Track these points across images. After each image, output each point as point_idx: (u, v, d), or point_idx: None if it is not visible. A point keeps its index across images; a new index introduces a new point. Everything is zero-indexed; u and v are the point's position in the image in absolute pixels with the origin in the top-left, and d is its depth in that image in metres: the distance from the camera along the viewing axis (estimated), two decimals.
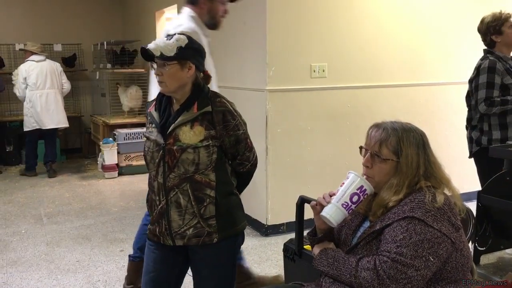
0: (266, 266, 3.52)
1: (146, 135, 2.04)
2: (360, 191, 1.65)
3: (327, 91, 4.14)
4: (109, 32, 7.65)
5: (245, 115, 4.59)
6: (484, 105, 3.23)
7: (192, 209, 1.94)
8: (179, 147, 1.90)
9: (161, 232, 1.99)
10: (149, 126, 2.03)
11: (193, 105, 1.92)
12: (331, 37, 4.10)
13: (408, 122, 1.74)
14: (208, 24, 2.85)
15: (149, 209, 2.10)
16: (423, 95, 4.58)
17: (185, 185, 1.92)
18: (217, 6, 2.82)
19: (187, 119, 1.92)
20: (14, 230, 4.35)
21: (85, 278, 3.35)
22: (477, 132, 3.37)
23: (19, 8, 7.43)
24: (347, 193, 1.65)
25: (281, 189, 4.05)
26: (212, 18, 2.84)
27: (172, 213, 1.95)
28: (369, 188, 1.66)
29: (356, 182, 1.65)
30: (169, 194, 1.94)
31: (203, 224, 1.95)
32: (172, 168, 1.92)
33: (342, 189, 1.67)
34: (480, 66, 3.30)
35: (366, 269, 1.54)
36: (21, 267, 3.56)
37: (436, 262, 1.54)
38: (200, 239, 1.96)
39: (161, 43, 1.87)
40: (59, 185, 5.89)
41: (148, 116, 2.05)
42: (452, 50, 4.65)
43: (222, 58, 4.64)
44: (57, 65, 6.43)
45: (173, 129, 1.91)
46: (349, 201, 1.64)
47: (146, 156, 2.02)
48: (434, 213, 1.56)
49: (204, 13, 2.81)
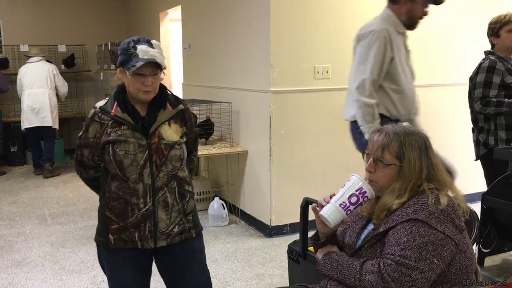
0: (270, 267, 3.52)
1: (120, 139, 1.90)
2: (359, 193, 1.64)
3: (331, 92, 4.14)
4: (113, 33, 7.68)
5: (249, 116, 4.64)
6: (479, 104, 3.25)
7: (177, 206, 1.98)
8: (166, 145, 1.93)
9: (142, 236, 1.94)
10: (116, 129, 1.91)
11: (166, 104, 1.97)
12: (335, 38, 4.10)
13: (410, 125, 1.74)
14: (405, 24, 2.90)
15: (116, 216, 1.94)
16: (426, 96, 4.55)
17: (173, 183, 1.96)
18: (418, 7, 2.85)
19: (166, 117, 1.96)
20: (19, 230, 4.36)
21: (89, 279, 3.36)
22: (484, 134, 3.36)
23: (24, 10, 7.46)
24: (346, 193, 1.65)
25: (285, 190, 4.06)
26: (410, 18, 2.88)
27: (159, 213, 1.94)
28: (369, 191, 1.65)
29: (356, 184, 1.65)
30: (157, 195, 1.93)
31: (184, 220, 2.01)
32: (160, 167, 1.92)
33: (342, 190, 1.67)
34: (480, 65, 3.32)
35: (371, 272, 1.55)
36: (26, 267, 3.57)
37: (441, 264, 1.54)
38: (183, 236, 2.01)
39: (158, 53, 1.88)
40: (63, 185, 5.91)
41: (110, 120, 1.92)
42: (456, 51, 4.64)
43: (226, 59, 4.65)
44: (53, 67, 6.45)
45: (155, 128, 1.93)
46: (347, 202, 1.63)
47: (124, 161, 1.89)
48: (437, 215, 1.56)
49: (403, 13, 2.85)
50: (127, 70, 1.86)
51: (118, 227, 1.95)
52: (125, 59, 1.87)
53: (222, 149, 4.42)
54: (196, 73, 5.41)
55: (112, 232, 1.96)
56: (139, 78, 1.86)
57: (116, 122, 1.92)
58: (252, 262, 3.63)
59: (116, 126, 1.92)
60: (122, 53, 1.89)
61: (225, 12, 4.61)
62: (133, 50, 1.86)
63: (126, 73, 1.88)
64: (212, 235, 4.17)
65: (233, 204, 4.63)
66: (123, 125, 1.92)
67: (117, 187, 1.94)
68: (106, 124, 1.93)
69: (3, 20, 7.34)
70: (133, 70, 1.84)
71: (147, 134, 1.92)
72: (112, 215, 1.96)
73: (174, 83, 6.86)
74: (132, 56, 1.85)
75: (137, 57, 1.85)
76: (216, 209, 4.39)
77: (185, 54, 5.68)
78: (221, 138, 4.75)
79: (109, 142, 1.91)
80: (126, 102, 1.93)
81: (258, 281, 3.32)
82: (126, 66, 1.86)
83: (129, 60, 1.86)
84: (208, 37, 4.99)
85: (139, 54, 1.85)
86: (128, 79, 1.89)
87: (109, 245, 1.98)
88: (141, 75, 1.86)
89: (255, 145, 4.25)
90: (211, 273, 3.39)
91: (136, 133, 1.91)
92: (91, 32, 7.73)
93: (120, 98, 1.94)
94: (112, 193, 1.95)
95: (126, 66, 1.86)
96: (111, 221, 1.96)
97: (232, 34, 4.50)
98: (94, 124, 1.95)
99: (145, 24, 7.09)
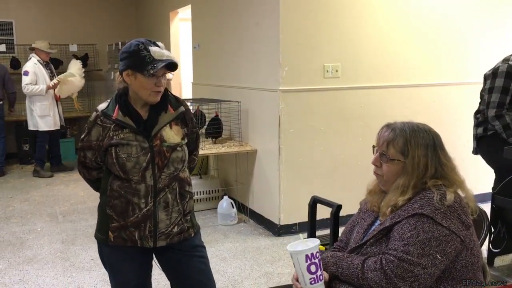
0: (279, 266, 3.53)
1: (123, 142, 1.91)
2: (310, 260, 1.55)
3: (340, 91, 4.14)
4: (123, 33, 7.73)
5: (258, 115, 4.65)
6: (493, 112, 3.20)
7: (177, 207, 2.00)
8: (168, 147, 1.95)
9: (142, 236, 1.96)
10: (118, 133, 1.92)
11: (168, 107, 1.99)
12: (344, 37, 4.09)
13: (423, 123, 1.74)
14: None
15: (116, 214, 1.96)
16: (436, 95, 4.55)
17: (174, 184, 1.98)
18: None
19: (167, 120, 1.97)
20: (30, 228, 4.41)
21: (99, 276, 3.39)
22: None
23: (35, 10, 7.55)
24: (303, 271, 1.56)
25: (294, 189, 4.06)
26: None
27: (160, 213, 1.96)
28: (313, 245, 1.56)
29: (300, 258, 1.55)
30: (158, 195, 1.95)
31: (183, 220, 2.03)
32: (162, 168, 1.94)
33: (297, 270, 1.59)
34: (498, 69, 3.26)
35: (373, 270, 1.56)
36: (37, 264, 3.61)
37: (444, 260, 1.54)
38: (181, 236, 2.03)
39: (170, 54, 1.90)
40: (74, 183, 5.96)
41: (112, 123, 1.93)
42: (466, 50, 4.61)
43: (235, 58, 4.66)
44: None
45: (157, 131, 1.94)
46: (311, 274, 1.56)
47: (127, 163, 1.90)
48: (443, 210, 1.56)
49: None
50: (142, 72, 1.86)
51: (118, 225, 1.96)
52: (138, 61, 1.86)
53: (231, 148, 4.44)
54: (206, 72, 5.43)
55: (112, 230, 1.98)
56: (153, 80, 1.88)
57: (118, 126, 1.93)
58: (261, 260, 3.64)
59: (119, 130, 1.93)
60: (132, 56, 1.87)
61: (234, 12, 4.62)
62: (145, 52, 1.85)
63: (137, 75, 1.88)
64: (221, 233, 4.18)
65: (242, 203, 4.64)
66: (125, 128, 1.93)
67: (119, 186, 1.95)
68: (109, 128, 1.94)
69: (15, 20, 7.43)
70: (153, 71, 1.85)
71: (149, 136, 1.94)
72: (112, 213, 1.97)
73: (184, 82, 6.89)
74: (146, 58, 1.85)
75: (153, 59, 1.85)
76: (225, 207, 4.41)
77: (194, 53, 5.71)
78: (230, 137, 4.76)
79: (112, 145, 1.92)
80: (128, 105, 1.94)
81: (267, 279, 3.32)
82: (141, 68, 1.86)
83: (143, 63, 1.85)
84: (218, 36, 5.00)
85: (154, 56, 1.85)
86: (139, 81, 1.88)
87: (108, 242, 2.00)
88: (155, 76, 1.88)
89: (264, 144, 4.26)
90: (220, 271, 3.42)
91: (138, 136, 1.93)
92: (102, 31, 7.80)
93: (122, 101, 1.95)
94: (113, 191, 1.96)
95: (142, 68, 1.85)
96: (111, 219, 1.98)
97: (241, 33, 4.51)
98: (96, 127, 1.96)
99: (156, 24, 7.13)
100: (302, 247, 1.58)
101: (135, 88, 1.92)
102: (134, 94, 1.94)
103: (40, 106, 6.17)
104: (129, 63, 1.88)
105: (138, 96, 1.93)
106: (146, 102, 1.94)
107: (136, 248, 1.99)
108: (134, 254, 2.02)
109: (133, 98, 1.95)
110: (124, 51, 1.91)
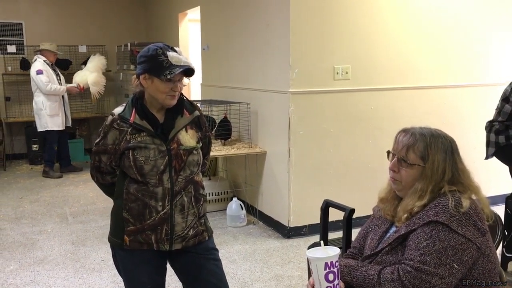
0: (289, 269, 3.52)
1: (140, 145, 1.93)
2: (329, 268, 1.54)
3: (350, 93, 4.12)
4: (132, 34, 7.77)
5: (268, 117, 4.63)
6: None
7: (193, 210, 2.02)
8: (185, 150, 1.98)
9: (158, 239, 1.97)
10: (136, 136, 1.94)
11: (183, 111, 2.01)
12: (355, 39, 4.08)
13: (438, 129, 1.73)
14: None
15: (133, 218, 1.96)
16: (447, 97, 4.52)
17: (190, 187, 2.01)
18: None
19: (183, 123, 2.01)
20: (41, 229, 4.44)
21: (110, 277, 3.40)
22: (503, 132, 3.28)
23: (45, 11, 7.59)
24: (320, 278, 1.55)
25: (304, 191, 4.05)
26: None
27: (176, 216, 1.98)
28: (333, 253, 1.55)
29: (320, 264, 1.54)
30: (175, 198, 1.97)
31: (197, 223, 2.05)
32: (178, 171, 1.97)
33: (314, 277, 1.57)
34: None
35: (390, 281, 1.55)
36: (48, 265, 3.63)
37: (461, 269, 1.53)
38: (197, 239, 2.05)
39: (188, 60, 1.93)
40: (83, 184, 5.99)
41: (129, 127, 1.94)
42: (479, 52, 4.57)
43: (245, 60, 4.66)
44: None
45: (174, 134, 1.97)
46: (328, 283, 1.54)
47: (145, 166, 1.92)
48: (459, 217, 1.54)
49: None
50: (159, 77, 1.88)
51: (135, 228, 1.97)
52: (155, 66, 1.89)
53: (240, 149, 4.43)
54: (215, 74, 5.43)
55: (127, 234, 1.98)
56: (170, 84, 1.90)
57: (135, 129, 1.95)
58: (271, 263, 3.63)
59: (136, 133, 1.95)
60: (150, 60, 1.90)
61: (244, 13, 4.62)
62: (163, 57, 1.88)
63: (154, 79, 1.90)
64: (230, 235, 4.18)
65: (251, 204, 4.64)
66: (143, 131, 1.95)
67: (136, 189, 1.96)
68: (126, 131, 1.95)
69: (25, 21, 7.47)
70: (170, 76, 1.87)
71: (167, 140, 1.96)
72: (129, 216, 1.98)
73: (193, 84, 6.89)
74: (163, 63, 1.88)
75: (170, 64, 1.88)
76: (235, 209, 4.41)
77: (203, 55, 5.71)
78: (240, 139, 4.76)
79: (129, 148, 1.94)
80: (145, 109, 1.96)
81: (277, 282, 3.32)
82: (158, 73, 1.88)
83: (160, 67, 1.88)
84: (227, 37, 5.00)
85: (171, 61, 1.88)
86: (156, 86, 1.91)
87: (124, 246, 2.00)
88: (171, 81, 1.90)
89: (274, 146, 4.25)
90: (230, 273, 3.41)
91: (155, 139, 1.95)
92: (111, 32, 7.83)
93: (139, 105, 1.97)
94: (130, 194, 1.97)
95: (159, 73, 1.88)
96: (127, 222, 1.98)
97: (251, 34, 4.51)
98: (113, 131, 1.97)
99: (164, 25, 7.14)
100: (322, 254, 1.56)
101: (151, 92, 1.94)
102: (151, 97, 1.96)
103: (50, 106, 6.23)
104: (146, 67, 1.91)
105: (155, 100, 1.95)
106: (162, 105, 1.96)
107: (151, 251, 2.00)
108: (150, 257, 2.03)
109: (149, 101, 1.98)
110: (142, 55, 1.93)
